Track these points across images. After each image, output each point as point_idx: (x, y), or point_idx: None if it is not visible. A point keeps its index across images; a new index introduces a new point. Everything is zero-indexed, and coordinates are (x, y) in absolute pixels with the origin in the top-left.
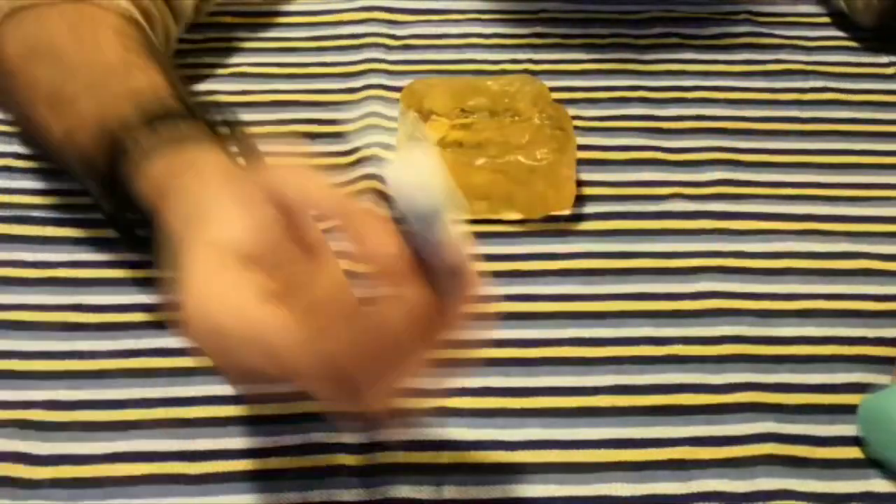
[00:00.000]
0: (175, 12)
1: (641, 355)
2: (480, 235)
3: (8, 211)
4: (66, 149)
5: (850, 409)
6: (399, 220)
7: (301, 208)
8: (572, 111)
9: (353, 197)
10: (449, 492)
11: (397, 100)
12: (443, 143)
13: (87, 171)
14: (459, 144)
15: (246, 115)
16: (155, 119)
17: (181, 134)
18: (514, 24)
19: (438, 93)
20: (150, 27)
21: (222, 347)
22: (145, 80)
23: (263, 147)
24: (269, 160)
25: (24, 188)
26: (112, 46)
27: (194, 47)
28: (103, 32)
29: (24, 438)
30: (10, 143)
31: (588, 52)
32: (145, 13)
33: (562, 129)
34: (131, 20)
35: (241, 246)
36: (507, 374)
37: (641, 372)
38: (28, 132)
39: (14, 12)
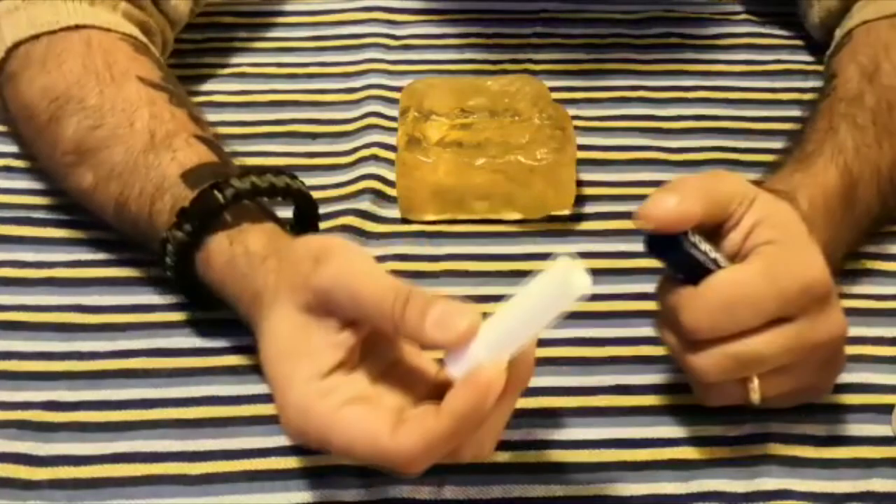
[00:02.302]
0: (172, 21)
1: (641, 355)
2: (480, 235)
3: (8, 211)
4: (97, 196)
5: (850, 409)
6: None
7: (357, 316)
8: (572, 111)
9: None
10: (449, 492)
11: (397, 100)
12: (443, 143)
13: (133, 225)
14: (459, 144)
15: (246, 115)
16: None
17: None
18: (514, 24)
19: (438, 93)
20: (149, 40)
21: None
22: (182, 145)
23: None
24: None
25: (24, 188)
26: (132, 84)
27: (194, 47)
28: (119, 67)
29: (23, 439)
30: (9, 143)
31: (588, 52)
32: (144, 28)
33: (562, 129)
34: (136, 41)
35: (323, 361)
36: None
37: (641, 372)
38: (52, 177)
39: (17, 46)
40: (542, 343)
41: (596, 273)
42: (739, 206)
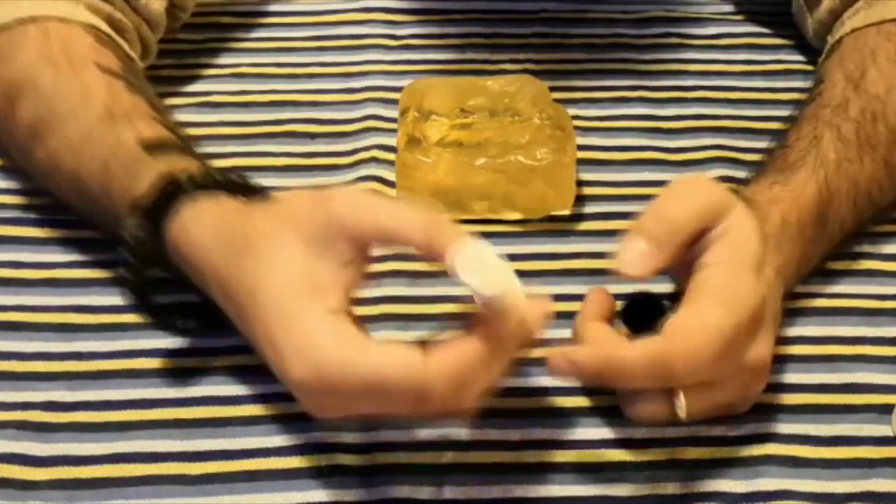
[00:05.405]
0: (148, 20)
1: None
2: (481, 235)
3: (7, 211)
4: (54, 174)
5: (850, 409)
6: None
7: (385, 234)
8: (572, 111)
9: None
10: (449, 492)
11: (397, 100)
12: (443, 143)
13: (88, 196)
14: (459, 144)
15: (245, 116)
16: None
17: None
18: (514, 24)
19: (438, 93)
20: (122, 37)
21: (339, 397)
22: (140, 120)
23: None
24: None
25: (24, 188)
26: (89, 70)
27: (193, 47)
28: (77, 54)
29: (22, 440)
30: None
31: (588, 52)
32: (114, 24)
33: (562, 129)
34: (98, 32)
35: (331, 298)
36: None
37: None
38: (15, 162)
39: None
40: (542, 343)
41: (596, 273)
42: (720, 215)
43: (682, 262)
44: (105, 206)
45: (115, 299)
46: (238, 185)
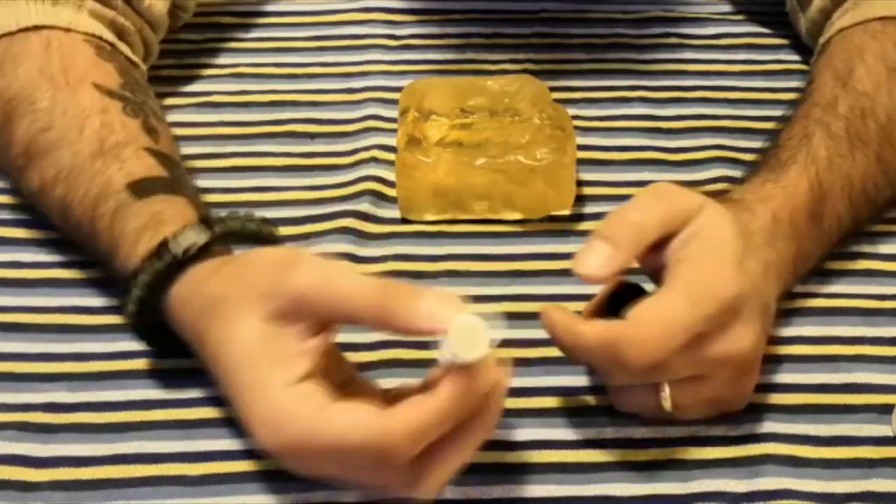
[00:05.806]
0: (150, 22)
1: None
2: (480, 235)
3: (7, 212)
4: (44, 199)
5: (850, 409)
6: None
7: (340, 316)
8: (572, 111)
9: (389, 287)
10: (449, 492)
11: (397, 100)
12: (443, 143)
13: (76, 229)
14: (459, 144)
15: (244, 116)
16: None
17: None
18: (514, 24)
19: (438, 93)
20: (125, 41)
21: (308, 461)
22: (131, 152)
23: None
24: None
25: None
26: (87, 91)
27: (193, 47)
28: (76, 72)
29: (23, 441)
30: None
31: (588, 52)
32: (117, 29)
33: (562, 129)
34: (101, 43)
35: (297, 367)
36: None
37: None
38: (10, 179)
39: None
40: (541, 343)
41: None
42: (688, 217)
43: (657, 266)
44: (91, 242)
45: (115, 300)
46: (219, 233)
